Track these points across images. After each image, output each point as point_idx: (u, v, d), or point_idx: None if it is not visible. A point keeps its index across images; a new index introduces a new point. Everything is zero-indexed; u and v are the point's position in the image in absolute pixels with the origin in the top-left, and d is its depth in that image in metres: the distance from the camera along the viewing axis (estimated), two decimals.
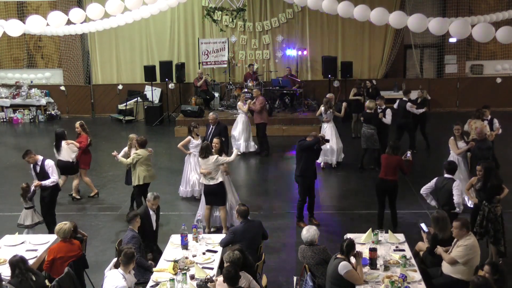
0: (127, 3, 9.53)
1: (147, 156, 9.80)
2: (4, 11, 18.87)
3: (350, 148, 13.45)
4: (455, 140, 10.06)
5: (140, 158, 9.65)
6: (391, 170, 8.93)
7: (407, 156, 9.06)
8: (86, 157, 11.09)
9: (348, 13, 9.54)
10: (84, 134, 10.95)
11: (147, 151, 9.88)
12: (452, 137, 10.14)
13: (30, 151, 9.04)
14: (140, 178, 9.67)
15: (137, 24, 16.91)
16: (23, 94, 18.94)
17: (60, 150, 10.66)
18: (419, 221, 7.81)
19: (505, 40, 7.92)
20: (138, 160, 9.65)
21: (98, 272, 7.39)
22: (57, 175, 9.06)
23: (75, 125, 11.14)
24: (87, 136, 10.97)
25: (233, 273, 5.63)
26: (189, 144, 10.68)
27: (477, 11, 17.30)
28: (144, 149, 9.82)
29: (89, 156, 11.23)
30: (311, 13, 18.18)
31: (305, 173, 9.29)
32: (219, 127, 11.36)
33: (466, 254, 6.38)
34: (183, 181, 10.91)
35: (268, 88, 17.54)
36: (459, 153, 9.91)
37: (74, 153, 10.77)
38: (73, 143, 10.76)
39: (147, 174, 9.79)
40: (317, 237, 6.60)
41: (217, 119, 11.50)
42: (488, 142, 9.99)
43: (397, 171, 8.95)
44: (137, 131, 16.88)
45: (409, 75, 19.62)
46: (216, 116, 11.55)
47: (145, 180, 9.80)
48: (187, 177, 10.82)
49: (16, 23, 8.75)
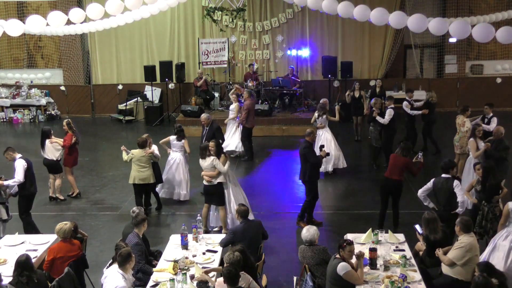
0: (127, 3, 9.52)
1: (140, 157, 9.82)
2: (4, 11, 18.85)
3: (354, 151, 13.44)
4: (476, 142, 9.77)
5: (132, 157, 9.86)
6: (396, 170, 8.88)
7: (418, 157, 8.92)
8: (70, 157, 11.02)
9: (348, 13, 9.54)
10: (69, 133, 10.90)
11: (145, 152, 9.88)
12: (472, 138, 9.92)
13: (9, 148, 9.16)
14: (130, 177, 9.96)
15: (137, 24, 16.89)
16: (23, 94, 18.94)
17: (44, 148, 10.73)
18: (419, 222, 7.80)
19: (505, 40, 7.92)
20: (131, 160, 9.87)
21: (98, 272, 7.39)
22: (22, 175, 8.81)
23: (63, 123, 11.12)
24: (72, 134, 10.89)
25: (234, 272, 5.63)
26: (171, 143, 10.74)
27: (477, 11, 17.29)
28: (140, 150, 9.88)
29: (74, 155, 11.10)
30: (311, 13, 18.18)
31: (313, 178, 9.40)
32: (212, 128, 11.32)
33: (464, 255, 6.38)
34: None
35: (268, 88, 17.55)
36: (476, 156, 9.63)
37: (58, 152, 10.79)
38: (57, 141, 10.79)
39: (137, 175, 9.86)
40: (317, 237, 6.60)
41: (209, 120, 11.42)
42: (505, 142, 9.69)
43: (402, 172, 8.89)
44: (137, 131, 16.91)
45: (409, 75, 19.61)
46: (208, 117, 11.47)
47: (133, 180, 9.89)
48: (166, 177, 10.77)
49: (16, 23, 8.75)
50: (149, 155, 9.90)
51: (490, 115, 11.27)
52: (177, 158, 10.65)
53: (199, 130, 11.97)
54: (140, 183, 9.91)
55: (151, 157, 9.95)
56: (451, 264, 6.45)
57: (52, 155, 10.74)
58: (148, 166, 9.93)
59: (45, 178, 11.01)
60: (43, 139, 10.72)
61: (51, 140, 10.74)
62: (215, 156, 8.97)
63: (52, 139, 10.77)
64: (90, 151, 14.54)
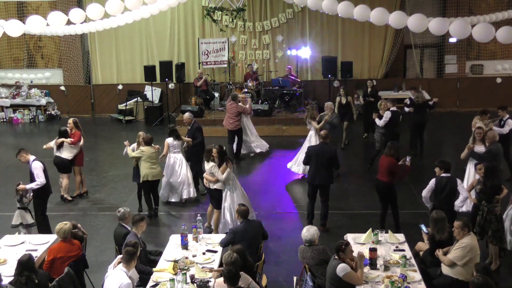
0: (127, 3, 9.52)
1: (150, 153, 9.90)
2: (4, 11, 18.85)
3: (355, 151, 13.39)
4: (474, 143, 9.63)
5: (143, 155, 9.86)
6: (382, 171, 8.84)
7: (406, 161, 8.81)
8: (81, 156, 11.12)
9: (348, 13, 9.54)
10: (77, 131, 10.93)
11: (153, 148, 10.00)
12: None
13: (22, 150, 9.07)
14: (142, 175, 9.93)
15: (137, 24, 16.90)
16: (23, 94, 18.93)
17: (61, 148, 10.77)
18: (420, 222, 7.80)
19: (505, 40, 7.92)
20: (141, 157, 9.87)
21: (98, 272, 7.40)
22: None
23: (69, 121, 11.11)
24: (80, 133, 10.97)
25: (234, 272, 5.63)
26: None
27: (477, 11, 17.28)
28: (149, 147, 9.95)
29: (83, 154, 11.23)
30: (311, 13, 18.17)
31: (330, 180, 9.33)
32: (192, 127, 11.25)
33: (464, 255, 6.38)
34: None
35: (268, 88, 17.54)
36: (463, 156, 9.59)
37: (75, 150, 10.86)
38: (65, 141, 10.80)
39: (149, 172, 9.89)
40: (317, 237, 6.60)
41: (190, 119, 11.36)
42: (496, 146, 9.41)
43: (390, 174, 8.75)
44: (137, 131, 16.85)
45: (409, 75, 19.60)
46: (189, 116, 11.41)
47: (146, 177, 9.90)
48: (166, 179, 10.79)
49: (16, 23, 8.74)
50: (157, 150, 10.04)
51: (506, 117, 10.94)
52: (180, 159, 10.71)
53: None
54: (153, 180, 9.96)
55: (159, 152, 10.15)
56: (451, 265, 6.45)
57: (68, 154, 10.79)
58: (158, 163, 10.07)
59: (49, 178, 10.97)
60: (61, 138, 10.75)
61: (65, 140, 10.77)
62: (217, 163, 8.95)
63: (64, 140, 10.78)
64: (90, 151, 14.51)
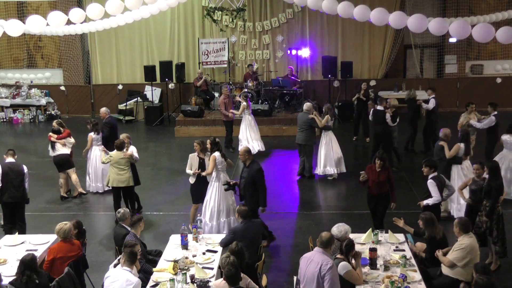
0: (127, 3, 9.53)
1: (118, 159, 9.54)
2: (4, 11, 18.85)
3: (354, 152, 13.39)
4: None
5: (111, 159, 9.60)
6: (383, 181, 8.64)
7: (361, 175, 8.63)
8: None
9: (348, 13, 9.54)
10: (66, 130, 11.04)
11: (123, 154, 9.60)
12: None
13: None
14: (108, 180, 9.76)
15: (137, 24, 16.90)
16: (23, 94, 18.94)
17: (55, 146, 10.82)
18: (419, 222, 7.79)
19: (505, 40, 7.93)
20: (110, 162, 9.62)
21: (98, 272, 7.40)
22: None
23: (53, 124, 11.21)
24: (69, 131, 11.08)
25: (234, 271, 5.63)
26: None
27: (477, 11, 17.29)
28: (119, 152, 9.60)
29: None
30: (311, 13, 18.17)
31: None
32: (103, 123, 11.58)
33: (464, 256, 6.38)
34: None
35: (268, 88, 17.55)
36: (449, 156, 9.43)
37: (68, 145, 10.93)
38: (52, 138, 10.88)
39: (115, 177, 9.57)
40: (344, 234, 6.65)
41: (105, 113, 11.80)
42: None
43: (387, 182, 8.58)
44: (137, 131, 16.92)
45: (409, 75, 19.61)
46: (105, 111, 11.87)
47: (111, 183, 9.64)
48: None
49: (16, 23, 8.76)
50: (128, 158, 9.65)
51: (494, 113, 11.27)
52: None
53: (199, 130, 11.95)
54: (119, 186, 9.62)
55: (130, 159, 9.68)
56: (451, 266, 6.45)
57: (66, 150, 10.83)
58: (127, 169, 9.62)
59: (49, 178, 10.98)
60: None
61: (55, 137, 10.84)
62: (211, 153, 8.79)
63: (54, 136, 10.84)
64: None
